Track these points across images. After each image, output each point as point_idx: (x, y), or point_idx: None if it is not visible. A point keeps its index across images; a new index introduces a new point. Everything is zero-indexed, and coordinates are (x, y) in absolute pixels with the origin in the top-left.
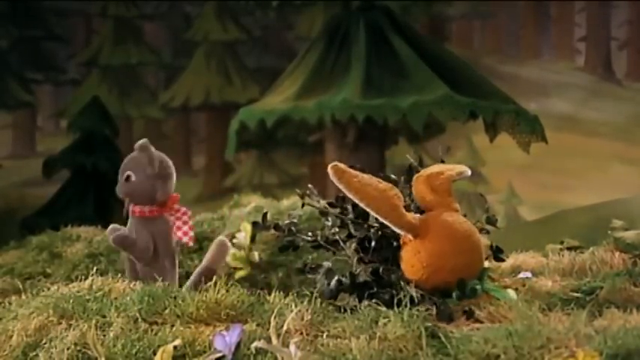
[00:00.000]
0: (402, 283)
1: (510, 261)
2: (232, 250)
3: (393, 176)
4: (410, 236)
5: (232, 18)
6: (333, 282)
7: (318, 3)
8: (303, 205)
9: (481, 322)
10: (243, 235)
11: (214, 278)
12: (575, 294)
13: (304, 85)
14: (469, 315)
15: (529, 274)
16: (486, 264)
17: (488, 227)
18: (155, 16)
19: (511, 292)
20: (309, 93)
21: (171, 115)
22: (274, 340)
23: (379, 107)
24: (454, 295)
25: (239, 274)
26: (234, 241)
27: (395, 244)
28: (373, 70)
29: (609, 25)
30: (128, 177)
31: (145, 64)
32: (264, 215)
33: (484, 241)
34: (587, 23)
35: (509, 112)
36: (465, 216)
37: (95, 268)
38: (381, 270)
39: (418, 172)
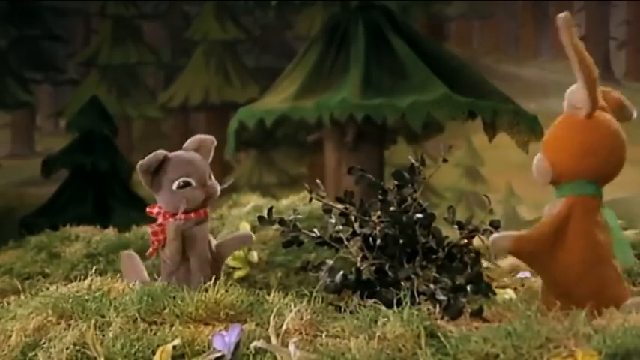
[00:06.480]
0: (402, 282)
1: (509, 261)
2: None
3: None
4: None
5: (231, 17)
6: (339, 276)
7: (317, 2)
8: (310, 200)
9: (487, 321)
10: None
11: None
12: None
13: (303, 84)
14: (477, 313)
15: (528, 274)
16: (485, 264)
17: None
18: (154, 16)
19: (510, 292)
20: (308, 93)
21: (170, 114)
22: (273, 340)
23: (378, 107)
24: (468, 288)
25: (238, 273)
26: None
27: (401, 241)
28: (372, 70)
29: (608, 24)
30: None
31: (144, 64)
32: (270, 210)
33: (485, 242)
34: (586, 23)
35: (508, 111)
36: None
37: (94, 268)
38: (387, 267)
39: (420, 172)
